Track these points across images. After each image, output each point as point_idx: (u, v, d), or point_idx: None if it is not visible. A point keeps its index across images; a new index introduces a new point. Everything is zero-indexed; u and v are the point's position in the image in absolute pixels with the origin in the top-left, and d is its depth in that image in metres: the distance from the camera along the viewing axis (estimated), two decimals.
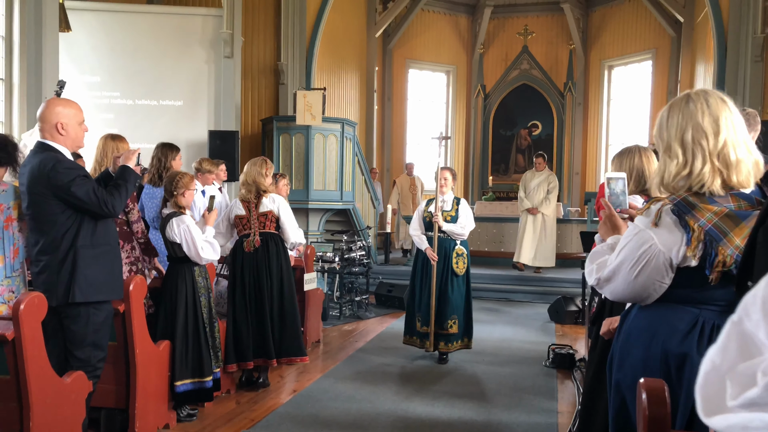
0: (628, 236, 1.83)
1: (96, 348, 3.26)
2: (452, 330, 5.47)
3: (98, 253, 3.23)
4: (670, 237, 1.74)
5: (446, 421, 4.11)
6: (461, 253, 5.55)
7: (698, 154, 1.73)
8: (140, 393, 3.57)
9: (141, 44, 8.51)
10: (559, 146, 13.84)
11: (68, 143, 3.24)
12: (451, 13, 14.83)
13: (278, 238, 4.74)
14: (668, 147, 1.80)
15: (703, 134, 1.73)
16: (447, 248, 5.53)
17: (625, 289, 1.83)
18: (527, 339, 6.56)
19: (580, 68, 14.14)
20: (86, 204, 3.12)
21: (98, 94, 8.39)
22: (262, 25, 9.75)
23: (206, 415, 4.11)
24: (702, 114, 1.74)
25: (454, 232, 5.49)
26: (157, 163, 4.73)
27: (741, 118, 1.76)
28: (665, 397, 1.62)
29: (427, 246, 5.52)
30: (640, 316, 1.89)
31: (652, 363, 1.80)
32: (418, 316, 5.57)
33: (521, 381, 5.02)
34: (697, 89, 1.81)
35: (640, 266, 1.77)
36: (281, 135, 8.85)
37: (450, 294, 5.47)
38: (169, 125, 8.40)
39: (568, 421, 4.09)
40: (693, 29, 11.47)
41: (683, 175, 1.75)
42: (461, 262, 5.53)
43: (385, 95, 14.42)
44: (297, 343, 4.73)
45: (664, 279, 1.77)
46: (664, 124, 1.82)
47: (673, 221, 1.74)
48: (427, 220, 5.57)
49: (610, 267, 1.86)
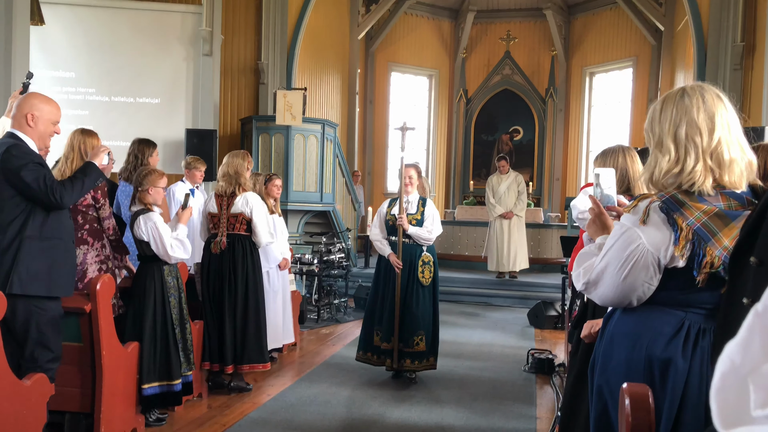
0: (615, 236, 1.75)
1: (42, 348, 3.12)
2: (419, 347, 4.86)
3: (46, 246, 3.11)
4: (658, 235, 1.66)
5: (423, 426, 4.02)
6: (428, 260, 4.97)
7: (691, 151, 1.66)
8: (106, 396, 3.44)
9: (118, 40, 8.34)
10: (540, 152, 13.88)
11: (35, 136, 3.16)
12: (434, 17, 14.80)
13: (246, 241, 4.55)
14: (660, 142, 1.72)
15: (697, 131, 1.66)
16: (412, 255, 4.93)
17: (614, 293, 1.75)
18: (506, 344, 6.51)
19: (562, 74, 14.19)
20: (33, 191, 3.02)
21: (72, 89, 8.20)
22: (243, 24, 9.62)
23: (176, 420, 3.98)
24: (697, 110, 1.66)
25: (419, 237, 4.91)
26: (133, 159, 4.58)
27: (736, 116, 1.69)
28: (649, 403, 1.55)
29: (390, 252, 4.95)
30: (624, 319, 1.82)
31: (635, 368, 1.73)
32: (378, 330, 4.96)
33: (500, 386, 4.96)
34: (692, 83, 1.73)
35: (628, 267, 1.69)
36: (260, 135, 8.73)
37: (414, 307, 4.86)
38: (145, 123, 8.23)
39: (546, 427, 4.03)
40: (673, 37, 11.56)
41: (674, 172, 1.67)
42: (427, 271, 4.95)
43: (367, 98, 14.34)
44: (258, 350, 4.53)
45: (652, 280, 1.69)
46: (656, 118, 1.74)
47: (661, 219, 1.66)
48: (390, 223, 4.99)
49: (597, 269, 1.78)
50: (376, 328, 4.96)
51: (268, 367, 4.68)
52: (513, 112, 13.98)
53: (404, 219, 4.86)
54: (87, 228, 3.76)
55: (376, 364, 5.00)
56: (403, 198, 4.98)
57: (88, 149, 3.69)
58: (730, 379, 0.60)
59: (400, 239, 4.93)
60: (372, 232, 5.19)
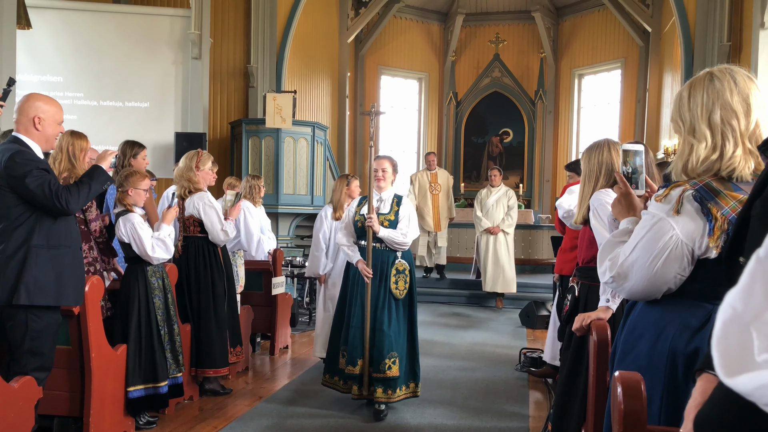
0: (645, 226, 1.66)
1: (33, 355, 3.05)
2: (391, 372, 4.09)
3: (54, 255, 3.05)
4: (692, 225, 1.59)
5: (416, 426, 4.00)
6: (403, 269, 4.22)
7: (729, 135, 1.58)
8: (95, 400, 3.40)
9: (106, 44, 8.30)
10: (530, 153, 13.93)
11: (42, 140, 3.13)
12: (424, 20, 14.84)
13: (201, 242, 4.44)
14: (692, 128, 1.63)
15: (733, 114, 1.58)
16: (384, 263, 4.21)
17: (645, 285, 1.67)
18: (498, 343, 6.50)
19: (551, 76, 14.25)
20: (38, 197, 2.97)
21: (60, 94, 8.13)
22: (232, 27, 9.60)
23: (167, 422, 3.94)
24: (730, 92, 1.59)
25: (393, 240, 4.17)
26: (116, 160, 4.55)
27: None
28: (641, 391, 1.54)
29: (359, 258, 4.24)
30: (649, 310, 1.75)
31: (657, 360, 1.66)
32: (344, 350, 4.24)
33: (492, 385, 4.95)
34: (720, 66, 1.65)
35: (661, 260, 1.61)
36: (250, 138, 8.70)
37: (385, 324, 4.12)
38: (134, 127, 8.20)
39: (539, 426, 4.02)
40: (661, 39, 11.63)
41: (712, 159, 1.59)
42: (402, 282, 4.20)
43: (357, 101, 14.33)
44: (210, 355, 4.38)
45: (684, 271, 1.62)
46: (685, 104, 1.66)
47: (695, 209, 1.58)
48: (359, 225, 4.28)
49: (627, 263, 1.69)
50: (342, 348, 4.27)
51: (223, 372, 4.47)
52: (503, 114, 14.03)
53: (374, 219, 4.15)
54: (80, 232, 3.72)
55: (342, 391, 4.30)
56: (374, 195, 4.30)
57: (76, 152, 3.66)
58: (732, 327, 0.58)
59: (369, 243, 4.22)
60: (338, 235, 4.48)
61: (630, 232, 1.79)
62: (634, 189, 1.89)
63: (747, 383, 0.54)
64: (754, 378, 0.53)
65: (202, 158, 4.45)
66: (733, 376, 0.56)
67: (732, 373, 0.56)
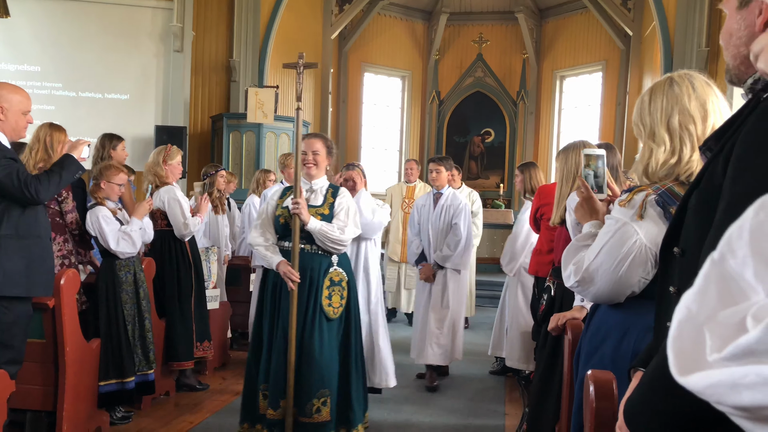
0: (609, 231, 1.69)
1: (3, 348, 3.00)
2: (320, 417, 3.21)
3: (23, 245, 3.01)
4: (656, 230, 1.62)
5: (392, 423, 4.02)
6: (339, 279, 3.29)
7: (686, 140, 1.62)
8: (69, 394, 3.36)
9: (86, 34, 8.19)
10: (511, 154, 14.00)
11: (7, 130, 3.07)
12: (408, 18, 14.84)
13: (167, 236, 4.38)
14: (652, 133, 1.67)
15: (690, 119, 1.62)
16: (314, 270, 3.25)
17: (610, 289, 1.70)
18: (476, 342, 6.54)
19: (533, 77, 14.34)
20: (6, 187, 2.93)
21: (38, 84, 8.03)
22: (214, 21, 9.52)
23: (143, 417, 3.92)
24: (688, 97, 1.63)
25: (326, 236, 3.21)
26: (95, 153, 4.51)
27: (726, 103, 1.66)
28: (613, 391, 1.57)
29: (281, 260, 3.24)
30: (612, 312, 1.79)
31: (621, 362, 1.70)
32: (264, 388, 3.29)
33: (469, 384, 4.98)
34: (679, 71, 1.69)
35: (625, 264, 1.64)
36: (231, 133, 8.65)
37: (316, 352, 3.18)
38: (114, 119, 8.10)
39: (515, 424, 4.06)
40: (641, 42, 11.77)
41: (671, 163, 1.63)
42: (337, 297, 3.27)
43: (340, 98, 14.30)
44: (174, 348, 4.31)
45: (648, 275, 1.66)
46: (646, 108, 1.69)
47: (657, 213, 1.62)
48: (282, 221, 3.30)
49: (591, 267, 1.72)
50: (261, 387, 3.30)
51: (191, 365, 4.44)
52: (485, 114, 14.09)
53: (302, 204, 3.19)
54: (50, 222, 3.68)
55: None
56: (301, 183, 3.35)
57: (54, 143, 3.62)
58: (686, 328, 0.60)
59: (296, 239, 3.21)
60: (251, 235, 3.42)
61: (593, 236, 1.82)
62: (596, 193, 1.92)
63: (698, 382, 0.56)
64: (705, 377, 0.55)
65: (170, 152, 4.42)
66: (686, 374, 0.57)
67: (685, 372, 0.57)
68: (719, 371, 0.54)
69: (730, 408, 0.55)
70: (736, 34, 1.12)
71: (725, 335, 0.55)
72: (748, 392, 0.52)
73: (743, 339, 0.52)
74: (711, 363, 0.55)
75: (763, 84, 1.05)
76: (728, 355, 0.53)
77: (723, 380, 0.53)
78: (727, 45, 1.16)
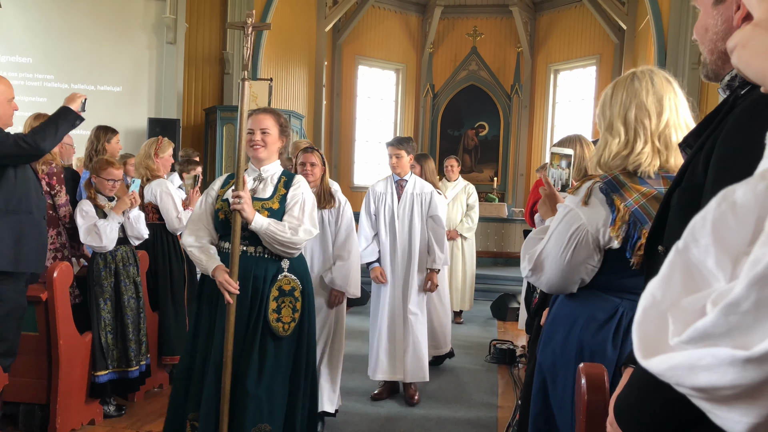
0: (558, 218, 1.77)
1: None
2: None
3: (13, 219, 2.99)
4: (597, 216, 1.69)
5: (385, 415, 4.04)
6: (290, 289, 2.70)
7: (641, 133, 1.68)
8: (63, 387, 3.37)
9: (78, 25, 8.14)
10: (504, 147, 14.03)
11: None
12: (402, 11, 14.81)
13: (159, 229, 4.35)
14: (610, 125, 1.74)
15: (646, 113, 1.68)
16: (258, 278, 2.67)
17: (558, 276, 1.77)
18: (469, 335, 6.58)
19: (527, 71, 14.34)
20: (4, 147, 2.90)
21: (29, 75, 7.98)
22: (208, 13, 9.47)
23: (136, 410, 3.92)
24: (646, 92, 1.68)
25: (274, 237, 2.61)
26: (89, 145, 4.48)
27: (684, 100, 1.72)
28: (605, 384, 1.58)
29: (217, 265, 2.63)
30: (565, 302, 1.86)
31: (568, 351, 1.78)
32: (192, 418, 2.68)
33: (462, 376, 5.01)
34: (642, 67, 1.76)
35: (570, 250, 1.71)
36: (225, 125, 8.62)
37: (252, 378, 2.61)
38: (106, 111, 8.04)
39: (507, 415, 4.08)
40: (635, 36, 11.79)
41: (623, 154, 1.70)
42: (288, 310, 2.68)
43: (334, 91, 14.27)
44: (167, 342, 4.30)
45: (594, 261, 1.72)
46: (607, 102, 1.76)
47: (599, 200, 1.69)
48: (222, 217, 2.70)
49: (543, 255, 1.79)
50: (190, 416, 2.69)
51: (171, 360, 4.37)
52: (479, 107, 14.10)
53: (246, 198, 2.59)
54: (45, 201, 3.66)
55: None
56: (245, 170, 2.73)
57: None
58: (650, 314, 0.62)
59: (236, 240, 2.62)
60: (184, 234, 2.81)
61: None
62: (560, 191, 2.01)
63: (659, 364, 0.58)
64: (666, 359, 0.58)
65: (161, 145, 4.40)
66: (649, 357, 0.60)
67: (648, 355, 0.60)
68: (679, 354, 0.56)
69: (689, 389, 0.57)
70: (713, 29, 1.14)
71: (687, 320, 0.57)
72: (704, 374, 0.54)
73: (700, 323, 0.54)
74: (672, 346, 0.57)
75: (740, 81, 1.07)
76: (687, 339, 0.56)
77: (682, 362, 0.56)
78: (702, 40, 1.18)
